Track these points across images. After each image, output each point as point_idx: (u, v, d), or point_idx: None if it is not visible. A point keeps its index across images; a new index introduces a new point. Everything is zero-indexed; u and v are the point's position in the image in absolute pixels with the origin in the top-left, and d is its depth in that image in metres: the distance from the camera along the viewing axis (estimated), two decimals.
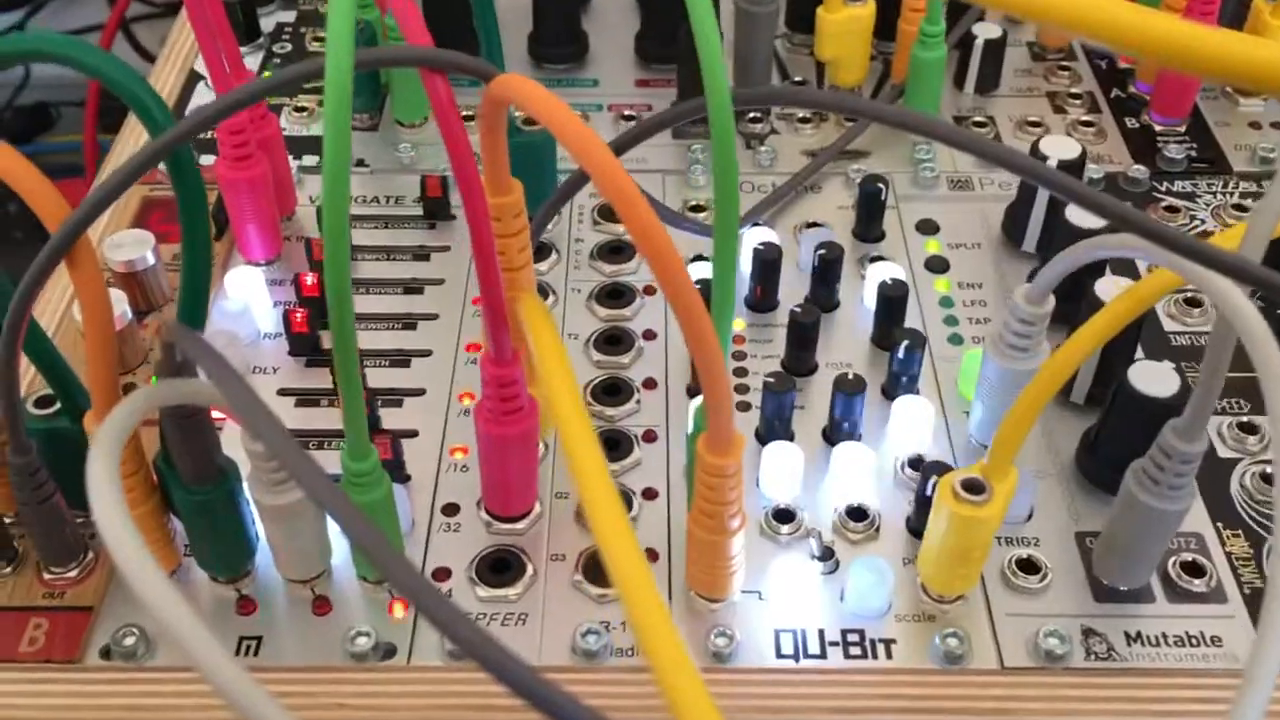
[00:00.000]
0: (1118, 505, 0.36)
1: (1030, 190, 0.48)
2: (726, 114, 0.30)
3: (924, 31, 0.53)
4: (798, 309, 0.44)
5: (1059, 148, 0.48)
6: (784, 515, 0.40)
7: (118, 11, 1.06)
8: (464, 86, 0.58)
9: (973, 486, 0.35)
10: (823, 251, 0.46)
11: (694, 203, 0.52)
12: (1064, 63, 0.61)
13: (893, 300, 0.45)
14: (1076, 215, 0.45)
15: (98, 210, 0.29)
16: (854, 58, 0.57)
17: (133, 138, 0.56)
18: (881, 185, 0.50)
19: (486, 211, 0.33)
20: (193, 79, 0.60)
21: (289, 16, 0.65)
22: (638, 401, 0.44)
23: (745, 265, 0.48)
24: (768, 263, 0.47)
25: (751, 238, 0.48)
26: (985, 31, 0.58)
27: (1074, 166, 0.47)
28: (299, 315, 0.45)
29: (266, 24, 0.64)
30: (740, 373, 0.45)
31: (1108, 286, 0.41)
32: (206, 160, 0.52)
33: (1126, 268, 0.48)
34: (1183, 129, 0.56)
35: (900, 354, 0.43)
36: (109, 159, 0.56)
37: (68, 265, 0.31)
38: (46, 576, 0.38)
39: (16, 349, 0.31)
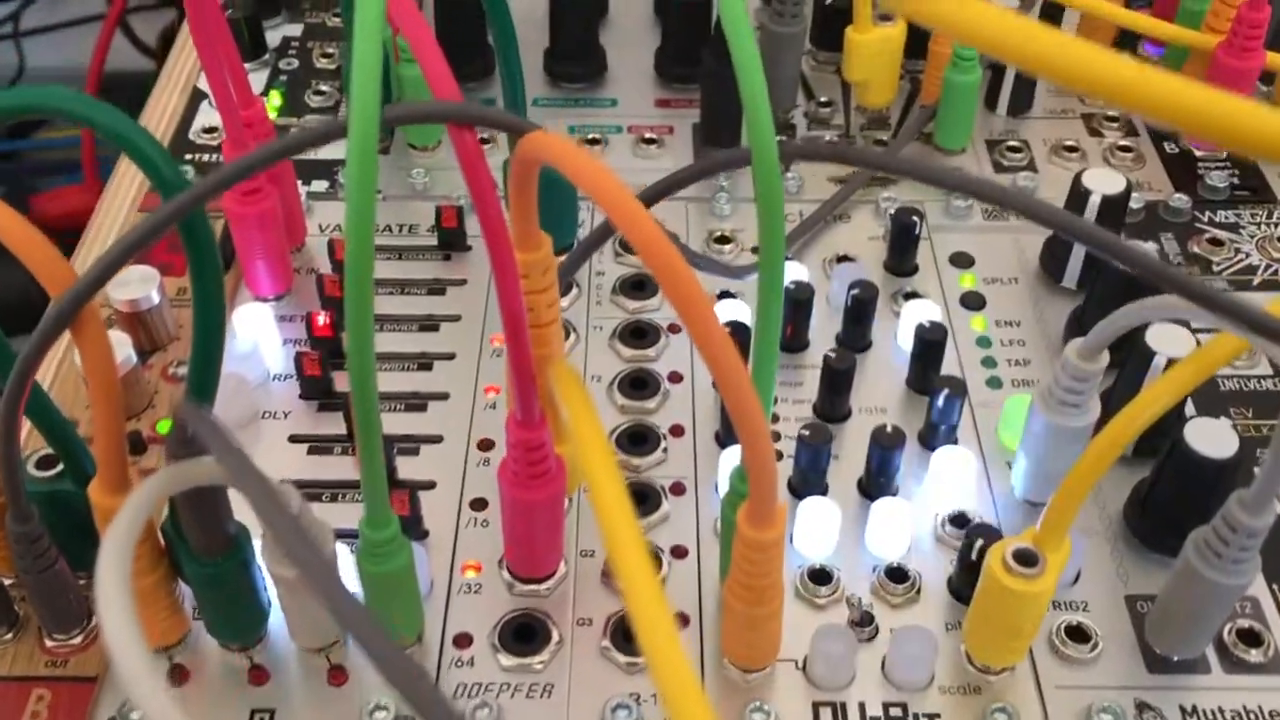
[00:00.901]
0: (1176, 575, 0.35)
1: None
2: (774, 177, 0.29)
3: (958, 54, 0.51)
4: (832, 353, 0.42)
5: (1103, 182, 0.46)
6: (821, 576, 0.38)
7: (117, 6, 1.04)
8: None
9: (1025, 558, 0.33)
10: (856, 291, 0.45)
11: (719, 233, 0.50)
12: None
13: (931, 345, 0.43)
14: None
15: (103, 279, 0.28)
16: (884, 79, 0.55)
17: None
18: (916, 219, 0.48)
19: (515, 271, 0.31)
20: (196, 97, 0.58)
21: (296, 30, 0.62)
22: (665, 450, 0.42)
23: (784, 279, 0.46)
24: (800, 303, 0.45)
25: (791, 271, 0.46)
26: None
27: (1118, 202, 0.45)
28: (311, 357, 0.43)
29: (273, 38, 0.62)
30: (772, 419, 0.44)
31: (1160, 336, 0.39)
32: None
33: None
34: (1224, 155, 0.54)
35: (940, 403, 0.41)
36: (108, 190, 0.54)
37: (72, 333, 0.29)
38: (49, 644, 0.36)
39: (17, 422, 0.29)
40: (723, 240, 0.50)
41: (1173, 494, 0.38)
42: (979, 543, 0.36)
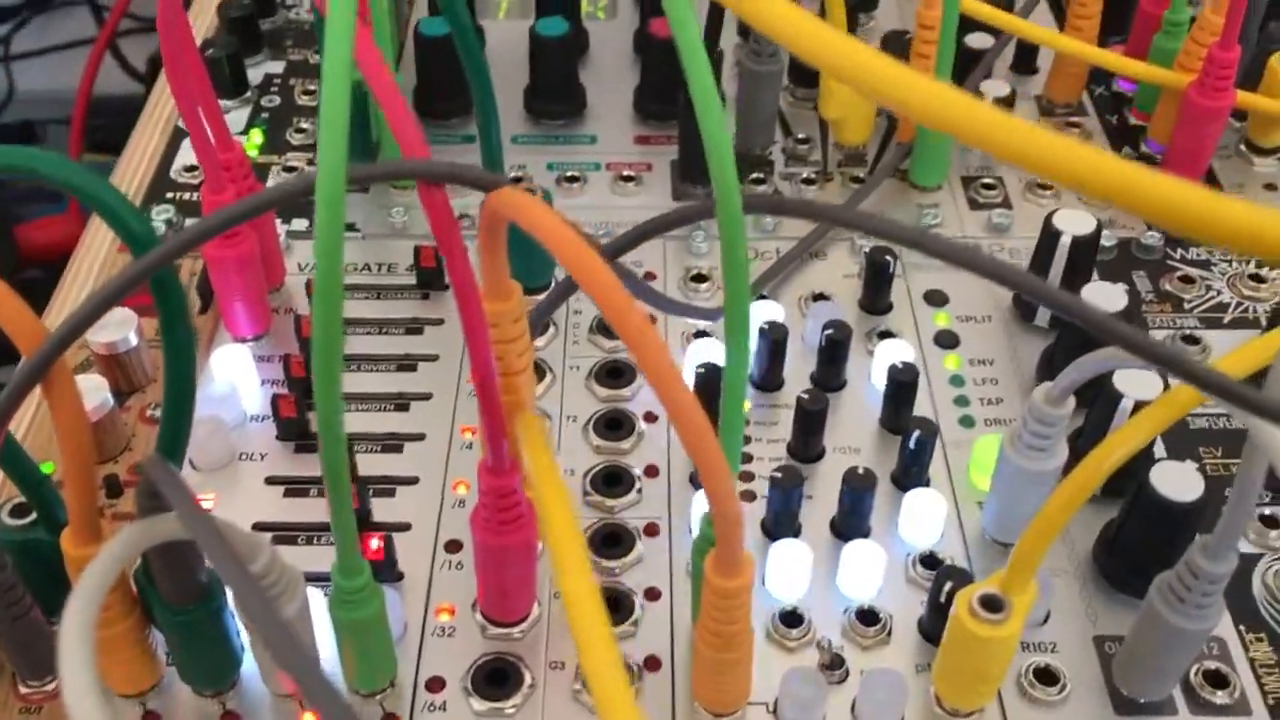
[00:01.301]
0: (1141, 619, 0.35)
1: (1043, 265, 0.47)
2: (738, 227, 0.29)
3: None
4: (805, 395, 0.43)
5: (1073, 222, 0.46)
6: (792, 619, 0.38)
7: (107, 30, 1.05)
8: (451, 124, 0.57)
9: (991, 604, 0.33)
10: (830, 332, 0.45)
11: (696, 271, 0.51)
12: (1073, 118, 0.59)
13: (903, 385, 0.44)
14: (1093, 294, 0.44)
15: (72, 338, 0.28)
16: (860, 117, 0.55)
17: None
18: (890, 258, 0.48)
19: (484, 324, 0.31)
20: (179, 135, 0.58)
21: (278, 68, 0.63)
22: (639, 491, 0.42)
23: (750, 343, 0.46)
24: (775, 343, 0.45)
25: (756, 313, 0.47)
26: (993, 89, 0.56)
27: (1089, 242, 0.46)
28: (287, 399, 0.44)
29: (254, 75, 0.62)
30: (745, 458, 0.44)
31: (1128, 379, 0.40)
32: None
33: None
34: None
35: (912, 445, 0.42)
36: (90, 227, 0.54)
37: (43, 390, 0.29)
38: (23, 690, 0.36)
39: None
40: (699, 279, 0.51)
41: (1139, 537, 0.38)
42: (948, 585, 0.37)
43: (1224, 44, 0.50)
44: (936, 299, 0.50)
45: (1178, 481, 0.37)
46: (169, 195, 0.55)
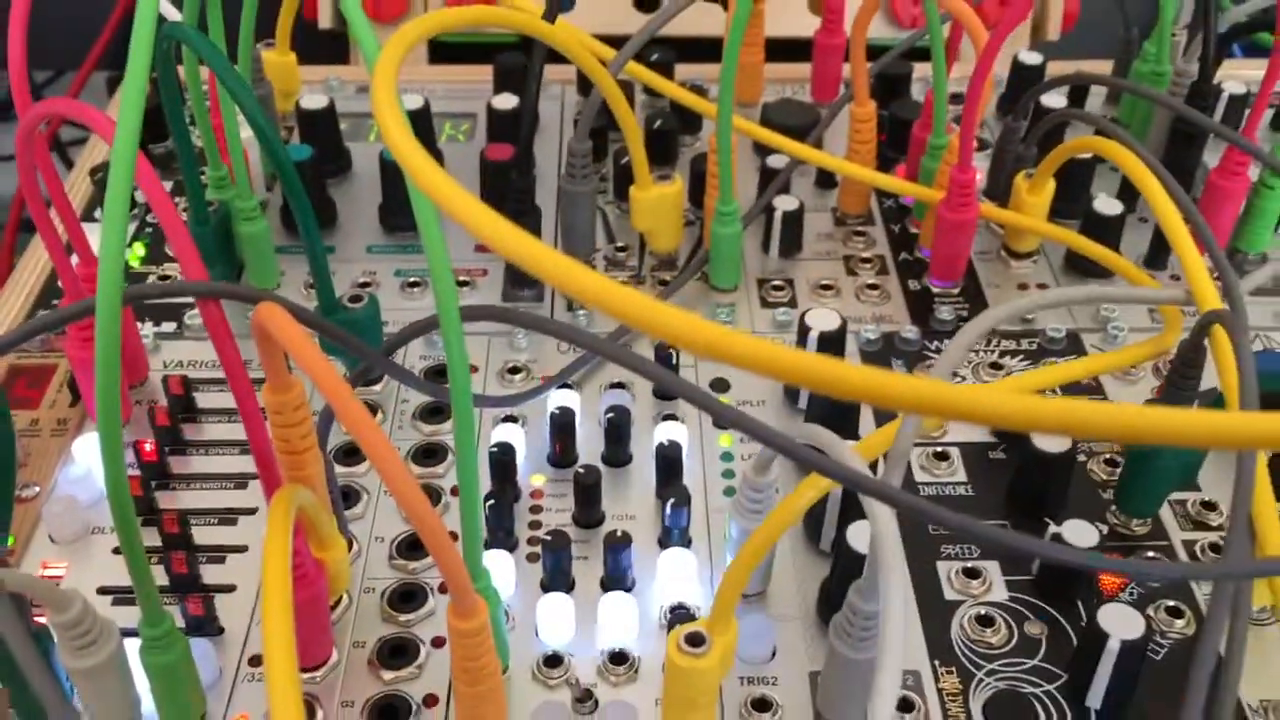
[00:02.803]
0: (827, 653, 0.42)
1: None
2: (456, 330, 0.36)
3: (719, 210, 0.60)
4: (581, 470, 0.50)
5: (822, 320, 0.54)
6: (552, 660, 0.45)
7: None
8: None
9: (694, 640, 0.40)
10: (611, 415, 0.52)
11: (513, 364, 0.58)
12: (861, 228, 0.68)
13: (669, 460, 0.51)
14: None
15: None
16: (667, 229, 0.63)
17: None
18: (671, 352, 0.56)
19: (259, 419, 0.38)
20: None
21: (166, 186, 0.70)
22: None
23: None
24: (563, 425, 0.52)
25: (555, 399, 0.54)
26: (784, 204, 0.64)
27: (835, 338, 0.54)
28: (135, 479, 0.50)
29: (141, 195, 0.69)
30: (535, 525, 0.51)
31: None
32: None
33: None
34: (957, 291, 0.63)
35: (669, 510, 0.49)
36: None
37: None
38: None
39: None
40: (515, 370, 0.58)
41: (841, 583, 0.45)
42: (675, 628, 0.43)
43: (961, 167, 0.58)
44: (721, 386, 0.57)
45: (864, 536, 0.44)
46: (54, 303, 0.62)
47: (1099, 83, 0.73)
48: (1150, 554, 0.49)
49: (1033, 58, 0.75)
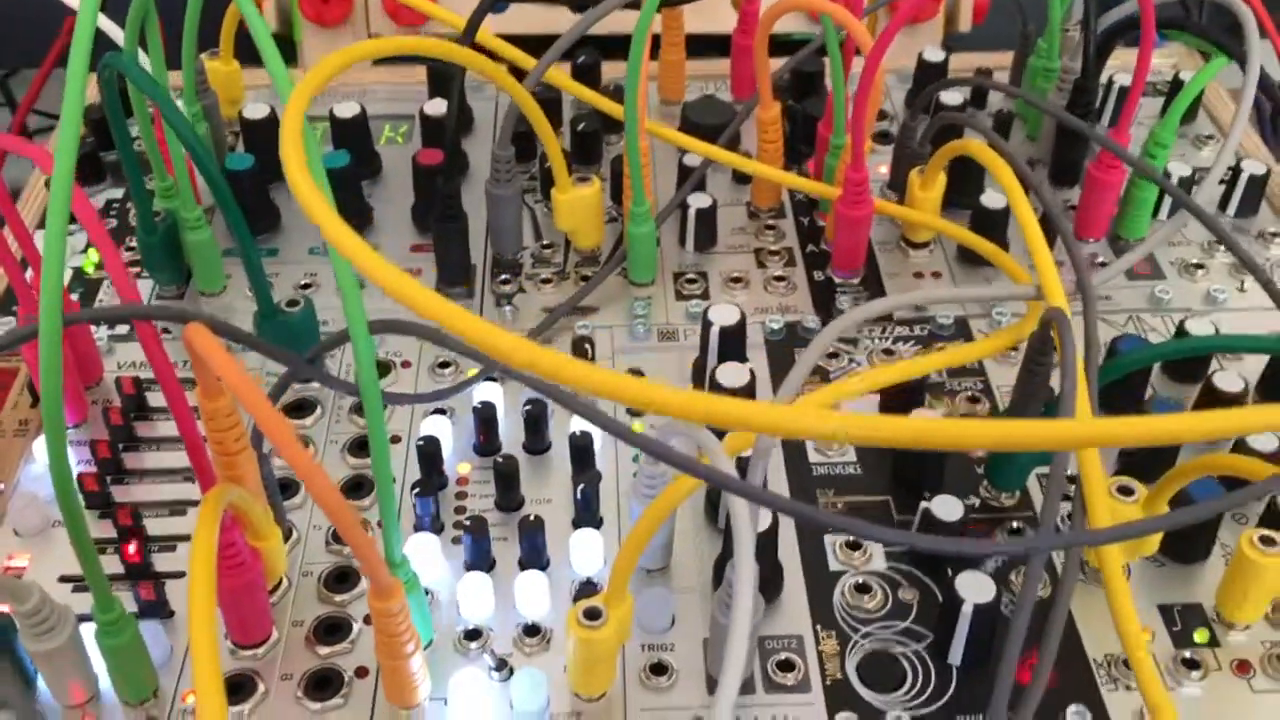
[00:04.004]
0: (711, 621, 0.47)
1: (703, 349, 0.59)
2: (367, 346, 0.41)
3: (632, 210, 0.65)
4: (500, 459, 0.55)
5: (723, 315, 0.59)
6: (472, 634, 0.50)
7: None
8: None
9: (591, 614, 0.45)
10: (529, 408, 0.57)
11: (443, 359, 0.63)
12: (772, 221, 0.72)
13: (580, 449, 0.56)
14: (722, 373, 0.56)
15: None
16: (588, 228, 0.68)
17: None
18: (588, 346, 0.60)
19: (192, 423, 0.43)
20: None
21: (118, 193, 0.75)
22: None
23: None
24: (486, 419, 0.57)
25: (479, 393, 0.59)
26: (696, 201, 0.69)
27: (734, 332, 0.58)
28: (91, 475, 0.55)
29: (98, 200, 0.74)
30: (461, 510, 0.56)
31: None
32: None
33: None
34: (858, 281, 0.68)
35: (579, 495, 0.53)
36: None
37: None
38: None
39: None
40: (444, 365, 0.62)
41: (726, 558, 0.50)
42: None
43: (855, 166, 0.63)
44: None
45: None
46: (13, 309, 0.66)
47: (989, 86, 0.78)
48: (1015, 524, 0.55)
49: (936, 55, 0.79)
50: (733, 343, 0.59)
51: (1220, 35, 0.68)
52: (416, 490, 0.53)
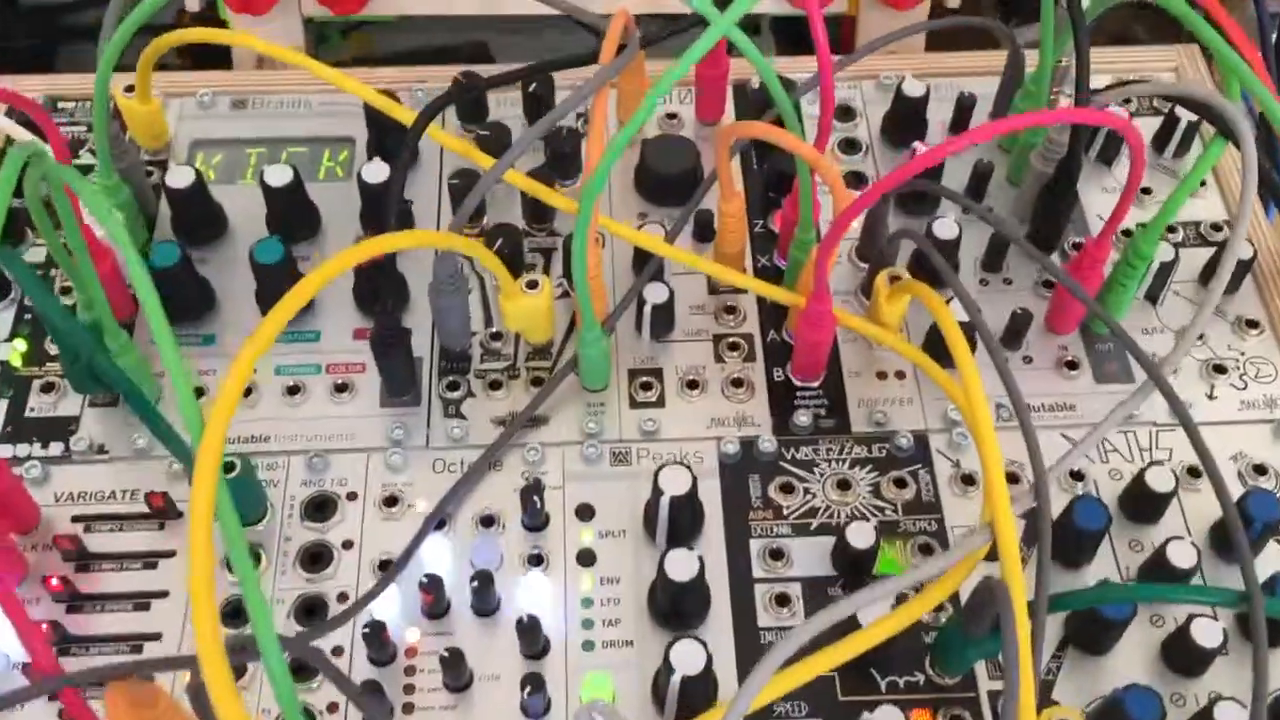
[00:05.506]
0: None
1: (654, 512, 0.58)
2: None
3: (582, 334, 0.61)
4: (446, 653, 0.54)
5: (673, 482, 0.57)
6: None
7: None
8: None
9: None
10: (475, 583, 0.56)
11: (390, 494, 0.61)
12: (733, 299, 0.69)
13: (528, 629, 0.55)
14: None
15: None
16: (538, 328, 0.65)
17: None
18: (538, 479, 0.60)
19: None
20: None
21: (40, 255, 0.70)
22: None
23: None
24: (432, 587, 0.56)
25: (425, 561, 0.58)
26: (653, 296, 0.65)
27: (687, 498, 0.57)
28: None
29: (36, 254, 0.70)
30: (409, 689, 0.56)
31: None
32: None
33: None
34: (818, 384, 0.65)
35: (526, 696, 0.54)
36: None
37: None
38: None
39: None
40: (391, 502, 0.61)
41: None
42: None
43: (817, 298, 0.59)
44: (586, 513, 0.61)
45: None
46: None
47: (950, 197, 0.72)
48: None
49: (916, 89, 0.73)
50: (685, 510, 0.58)
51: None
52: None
